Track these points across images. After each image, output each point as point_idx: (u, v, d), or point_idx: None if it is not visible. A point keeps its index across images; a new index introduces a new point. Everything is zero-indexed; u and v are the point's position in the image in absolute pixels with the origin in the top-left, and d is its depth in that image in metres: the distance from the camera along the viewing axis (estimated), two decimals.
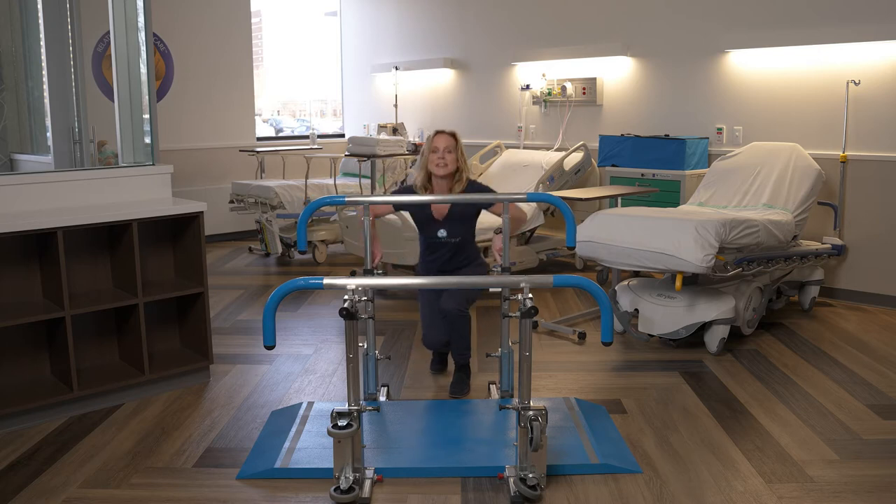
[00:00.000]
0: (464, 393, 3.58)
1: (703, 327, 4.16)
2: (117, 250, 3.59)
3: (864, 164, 5.03)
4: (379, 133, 7.67)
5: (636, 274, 5.21)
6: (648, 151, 5.70)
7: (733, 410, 3.40)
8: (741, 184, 4.93)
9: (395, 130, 7.52)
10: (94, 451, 3.02)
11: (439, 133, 3.63)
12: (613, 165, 5.91)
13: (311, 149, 7.45)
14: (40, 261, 3.42)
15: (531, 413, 2.56)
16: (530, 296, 2.57)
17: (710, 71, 5.73)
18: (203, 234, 3.64)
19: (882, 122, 4.94)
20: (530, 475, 2.61)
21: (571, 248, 3.46)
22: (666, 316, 4.11)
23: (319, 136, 8.50)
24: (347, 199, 3.32)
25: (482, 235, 5.36)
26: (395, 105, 7.87)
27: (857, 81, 4.98)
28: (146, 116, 3.89)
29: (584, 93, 6.48)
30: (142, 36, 3.85)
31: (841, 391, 3.61)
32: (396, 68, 7.87)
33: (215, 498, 2.66)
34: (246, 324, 4.79)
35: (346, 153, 6.86)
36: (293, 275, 6.08)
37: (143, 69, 3.88)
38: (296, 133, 10.18)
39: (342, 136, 8.88)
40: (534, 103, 6.91)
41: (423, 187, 3.66)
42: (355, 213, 5.48)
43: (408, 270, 5.24)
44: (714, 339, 4.11)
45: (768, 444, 3.05)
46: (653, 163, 5.66)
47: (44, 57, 4.10)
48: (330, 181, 6.83)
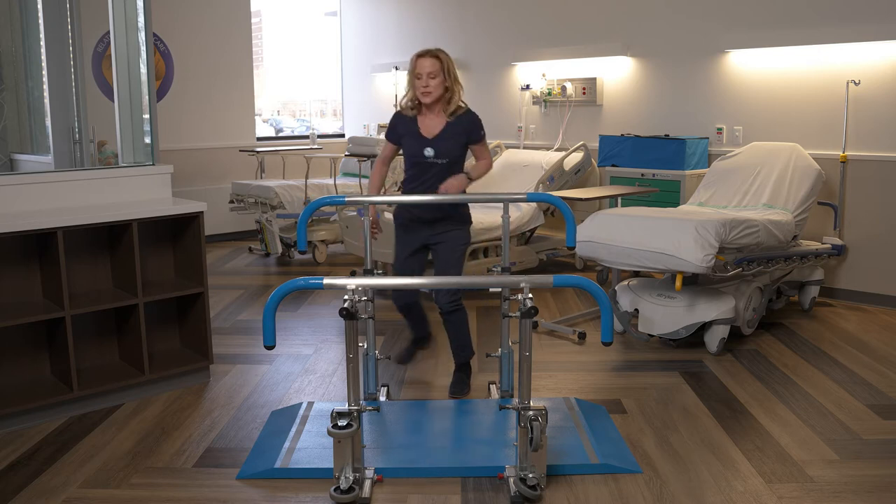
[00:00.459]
0: (464, 393, 3.58)
1: (703, 327, 4.16)
2: (117, 250, 3.59)
3: (864, 164, 5.03)
4: (379, 133, 7.66)
5: (636, 274, 5.21)
6: (648, 151, 5.70)
7: (733, 410, 3.40)
8: (741, 184, 4.93)
9: None
10: (94, 451, 3.02)
11: (422, 56, 3.29)
12: (613, 165, 5.91)
13: (311, 149, 7.45)
14: (40, 261, 3.42)
15: (531, 413, 2.56)
16: (530, 296, 2.57)
17: (710, 71, 5.73)
18: (203, 234, 3.64)
19: (882, 122, 4.94)
20: (530, 475, 2.61)
21: (571, 248, 3.46)
22: (666, 316, 4.11)
23: (319, 136, 8.50)
24: (347, 199, 3.33)
25: (485, 235, 5.38)
26: (395, 105, 7.86)
27: (857, 81, 4.98)
28: (146, 116, 3.89)
29: (584, 93, 6.48)
30: (142, 36, 3.85)
31: (841, 391, 3.61)
32: (396, 68, 7.87)
33: (215, 498, 2.66)
34: (246, 324, 4.79)
35: (346, 153, 6.85)
36: (293, 275, 6.08)
37: (143, 69, 3.88)
38: (296, 133, 10.18)
39: (342, 136, 8.87)
40: (534, 103, 6.91)
41: (410, 109, 3.42)
42: (355, 214, 5.48)
43: None
44: (714, 339, 4.11)
45: (768, 444, 3.05)
46: (653, 163, 5.66)
47: (44, 57, 4.10)
48: (330, 181, 6.82)
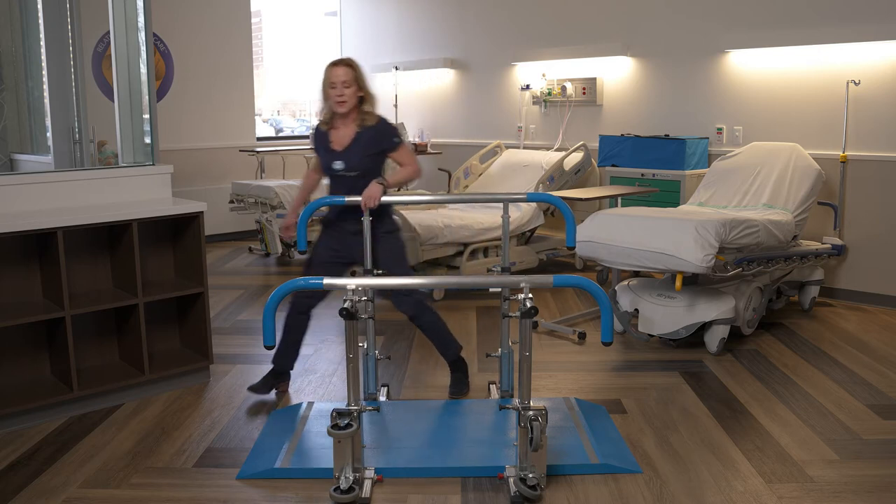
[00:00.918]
0: (463, 393, 3.58)
1: (703, 327, 4.16)
2: (117, 250, 3.59)
3: (864, 164, 5.03)
4: None
5: (636, 274, 5.22)
6: (648, 151, 5.70)
7: (733, 410, 3.40)
8: (741, 184, 4.93)
9: None
10: (94, 451, 3.02)
11: (335, 65, 3.27)
12: (613, 165, 5.91)
13: (311, 149, 7.45)
14: (40, 261, 3.42)
15: (531, 413, 2.56)
16: (530, 296, 2.57)
17: (710, 71, 5.73)
18: (203, 234, 3.64)
19: (882, 122, 4.94)
20: (530, 475, 2.61)
21: (571, 248, 3.46)
22: (666, 316, 4.11)
23: None
24: (347, 199, 3.33)
25: (485, 235, 5.38)
26: (395, 105, 7.86)
27: (857, 81, 4.98)
28: (146, 116, 3.89)
29: (584, 93, 6.48)
30: (142, 36, 3.85)
31: (841, 391, 3.61)
32: (396, 68, 7.87)
33: (215, 498, 2.66)
34: (246, 324, 4.79)
35: None
36: (293, 275, 6.07)
37: (143, 69, 3.88)
38: (296, 133, 10.18)
39: None
40: (534, 103, 6.91)
41: (325, 123, 3.42)
42: None
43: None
44: (714, 339, 4.11)
45: (768, 444, 3.05)
46: (653, 163, 5.66)
47: (44, 57, 4.10)
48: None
